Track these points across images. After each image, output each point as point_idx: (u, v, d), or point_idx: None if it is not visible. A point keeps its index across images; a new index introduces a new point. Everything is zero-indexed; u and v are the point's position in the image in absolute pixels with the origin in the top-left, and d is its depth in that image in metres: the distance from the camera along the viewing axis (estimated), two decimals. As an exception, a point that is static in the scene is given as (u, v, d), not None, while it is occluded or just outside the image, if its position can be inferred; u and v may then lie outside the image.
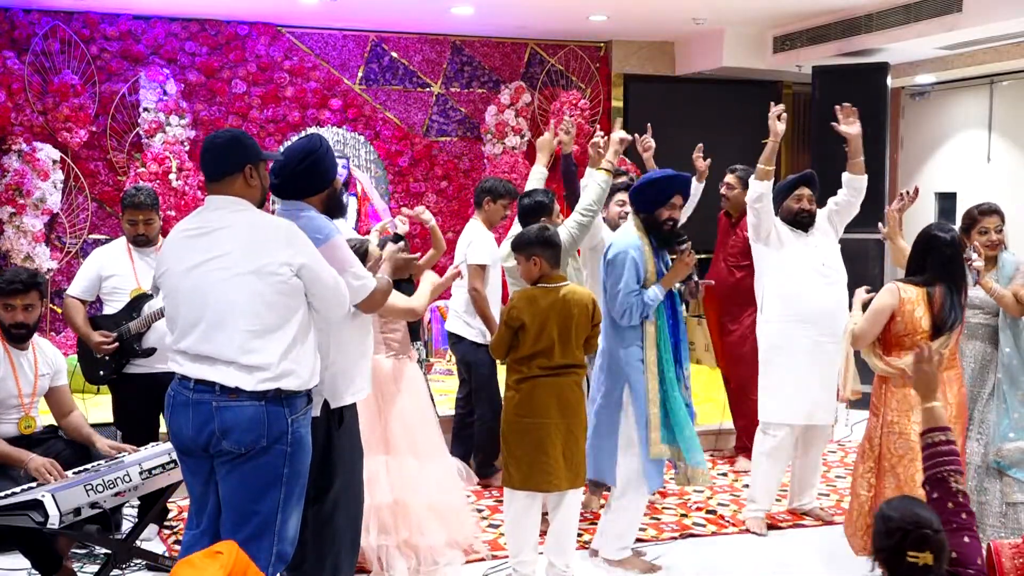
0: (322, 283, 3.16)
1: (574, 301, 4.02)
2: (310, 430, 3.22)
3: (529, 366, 4.01)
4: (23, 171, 7.54)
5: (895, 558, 2.54)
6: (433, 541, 4.32)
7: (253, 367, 3.02)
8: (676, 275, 4.37)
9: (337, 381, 3.45)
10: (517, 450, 4.03)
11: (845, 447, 6.73)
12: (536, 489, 4.05)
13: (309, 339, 3.18)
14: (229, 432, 3.03)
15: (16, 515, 3.47)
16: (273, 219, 3.22)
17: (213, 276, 3.07)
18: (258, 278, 3.04)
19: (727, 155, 6.47)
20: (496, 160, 8.98)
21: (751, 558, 4.72)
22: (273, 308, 3.06)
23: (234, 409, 3.02)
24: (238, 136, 3.25)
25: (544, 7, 7.97)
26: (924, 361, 3.07)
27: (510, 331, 4.01)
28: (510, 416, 4.06)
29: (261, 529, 3.09)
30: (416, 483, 4.33)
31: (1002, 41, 7.44)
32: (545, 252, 4.03)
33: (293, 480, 3.13)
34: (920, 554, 2.51)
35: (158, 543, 4.68)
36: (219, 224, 3.12)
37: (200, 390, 3.05)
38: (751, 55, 8.78)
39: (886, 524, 2.58)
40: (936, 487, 2.86)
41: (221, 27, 8.41)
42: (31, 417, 4.21)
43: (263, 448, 3.05)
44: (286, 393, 3.08)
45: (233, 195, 3.16)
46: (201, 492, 3.20)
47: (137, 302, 4.63)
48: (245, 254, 3.06)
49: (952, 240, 4.16)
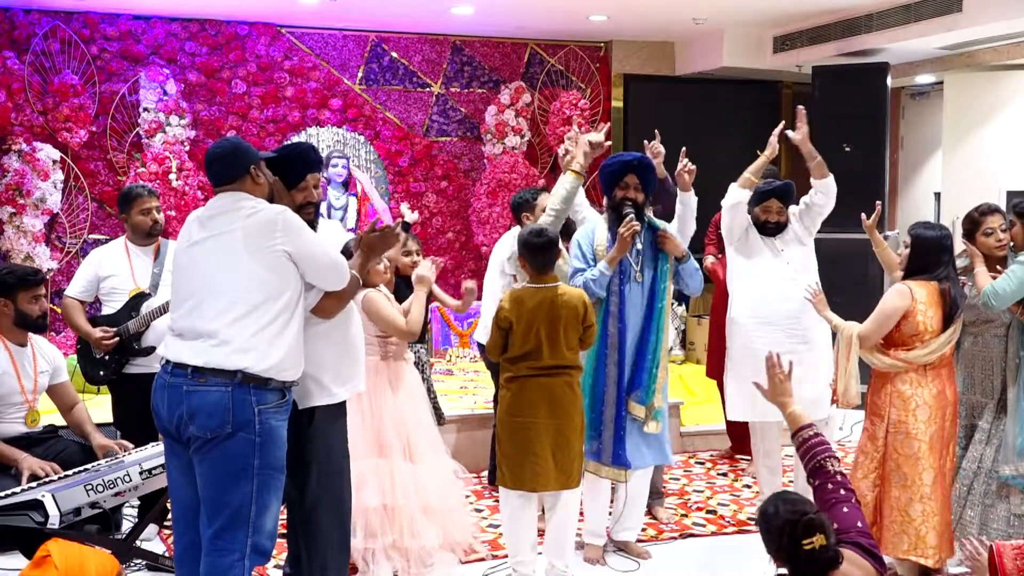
0: (316, 261, 3.27)
1: (562, 302, 4.01)
2: (284, 426, 3.27)
3: (518, 366, 4.01)
4: (23, 171, 7.54)
5: (792, 552, 2.74)
6: (425, 543, 4.32)
7: (225, 341, 3.13)
8: (618, 249, 4.38)
9: (306, 382, 3.46)
10: (508, 449, 4.04)
11: (845, 447, 6.73)
12: (525, 488, 4.05)
13: (290, 328, 3.23)
14: (195, 416, 3.13)
15: (16, 515, 3.47)
16: (272, 206, 3.31)
17: (208, 253, 3.23)
18: (250, 255, 3.17)
19: (727, 155, 6.47)
20: (496, 160, 8.98)
21: (751, 558, 4.72)
22: (260, 286, 3.17)
23: (201, 393, 3.12)
24: (237, 142, 3.40)
25: (544, 7, 7.98)
26: (774, 368, 3.36)
27: (500, 332, 4.02)
28: (502, 415, 4.08)
29: (234, 521, 3.15)
30: (408, 486, 4.32)
31: (1002, 41, 7.44)
32: (528, 254, 4.04)
33: (266, 472, 3.18)
34: (812, 539, 2.72)
35: (158, 543, 4.69)
36: (225, 208, 3.27)
37: (176, 373, 3.18)
38: (751, 55, 8.79)
39: (771, 524, 2.80)
40: (817, 475, 3.11)
41: (221, 27, 8.41)
42: (36, 411, 4.25)
43: (228, 434, 3.12)
44: (255, 380, 3.14)
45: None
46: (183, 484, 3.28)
47: (136, 302, 4.64)
48: (243, 235, 3.19)
49: (944, 234, 4.26)
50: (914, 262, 4.26)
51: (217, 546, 3.13)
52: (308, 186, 3.55)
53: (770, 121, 10.20)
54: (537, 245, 4.02)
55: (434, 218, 9.15)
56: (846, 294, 5.10)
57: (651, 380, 4.44)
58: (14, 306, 4.14)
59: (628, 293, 4.46)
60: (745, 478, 5.92)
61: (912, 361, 4.18)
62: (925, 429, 4.14)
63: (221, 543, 3.14)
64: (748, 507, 5.37)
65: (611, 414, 4.44)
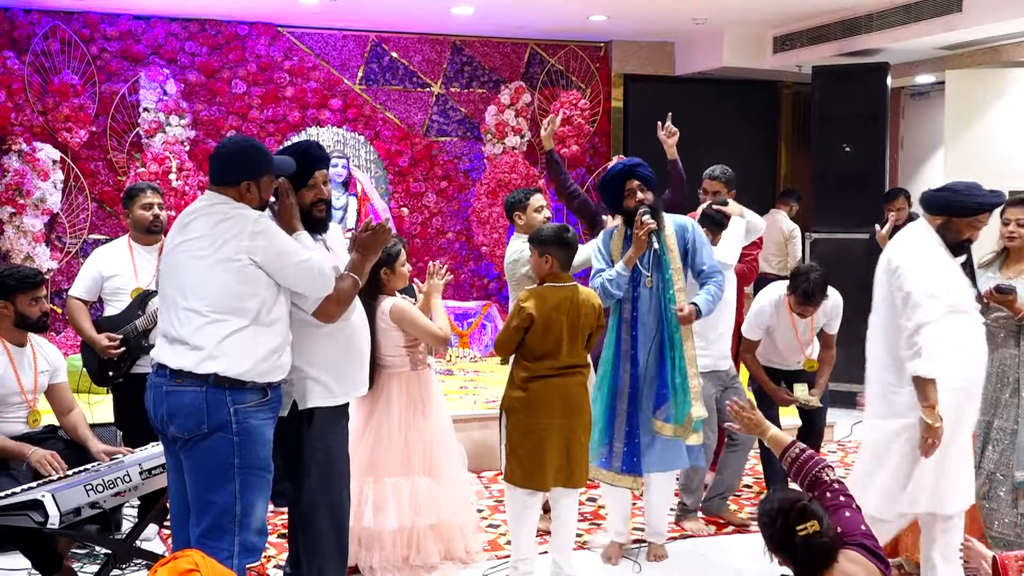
0: (289, 269, 3.24)
1: (582, 300, 4.03)
2: (268, 424, 3.28)
3: (538, 365, 4.00)
4: (23, 171, 7.54)
5: (787, 540, 2.78)
6: (429, 559, 4.33)
7: (197, 347, 3.16)
8: (635, 249, 4.33)
9: (306, 383, 3.47)
10: (519, 448, 4.03)
11: (845, 447, 6.73)
12: (537, 488, 4.05)
13: (267, 336, 3.22)
14: (174, 416, 3.20)
15: (16, 515, 3.46)
16: (245, 211, 3.27)
17: (183, 257, 3.25)
18: (218, 263, 3.19)
19: (727, 155, 6.46)
20: (496, 160, 8.98)
21: (751, 558, 4.72)
22: (225, 294, 3.18)
23: (178, 394, 3.18)
24: (245, 151, 3.34)
25: (544, 7, 7.98)
26: (744, 412, 3.46)
27: (519, 330, 3.99)
28: (516, 414, 4.05)
29: (220, 520, 3.18)
30: (424, 503, 4.31)
31: (1002, 41, 7.44)
32: (559, 252, 4.04)
33: (248, 471, 3.21)
34: (806, 524, 2.75)
35: (158, 543, 4.68)
36: (201, 212, 3.28)
37: (159, 374, 3.25)
38: (751, 55, 8.79)
39: (767, 516, 2.84)
40: (814, 488, 3.11)
41: (221, 27, 8.41)
42: (37, 412, 4.24)
43: (205, 434, 3.17)
44: (229, 381, 3.16)
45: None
46: (176, 481, 3.33)
47: (142, 299, 4.62)
48: (212, 240, 3.20)
49: None
50: None
51: (205, 545, 3.14)
52: (317, 183, 3.53)
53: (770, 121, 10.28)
54: (570, 241, 4.06)
55: (434, 218, 9.15)
56: (846, 294, 5.07)
57: (680, 394, 4.30)
58: (14, 308, 4.14)
59: (640, 299, 4.37)
60: (746, 478, 5.91)
61: None
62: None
63: (209, 542, 3.16)
64: (748, 507, 5.36)
65: (621, 424, 4.37)
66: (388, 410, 4.33)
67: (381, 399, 4.33)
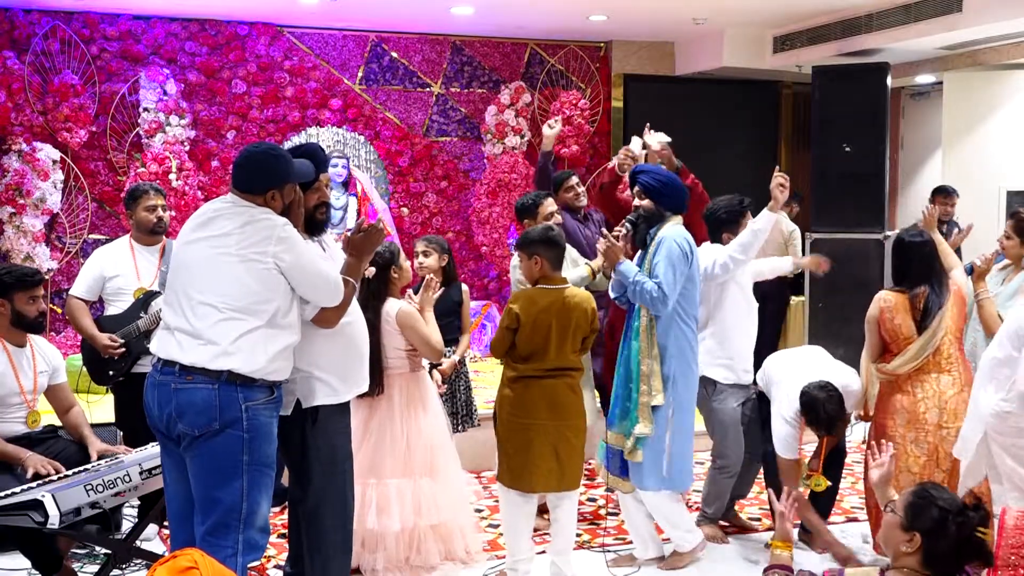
0: (309, 278, 3.27)
1: (574, 304, 4.02)
2: (274, 421, 3.29)
3: (524, 366, 4.01)
4: (23, 171, 7.54)
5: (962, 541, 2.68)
6: (429, 560, 4.34)
7: (212, 342, 3.15)
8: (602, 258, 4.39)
9: (311, 381, 3.48)
10: (509, 448, 4.05)
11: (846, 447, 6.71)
12: (524, 489, 4.05)
13: (279, 339, 3.24)
14: (184, 413, 3.16)
15: (16, 515, 3.46)
16: (272, 217, 3.30)
17: (202, 253, 3.24)
18: (241, 262, 3.18)
19: (727, 155, 6.47)
20: (496, 160, 8.98)
21: (751, 558, 4.72)
22: (245, 293, 3.18)
23: (189, 391, 3.15)
24: (272, 162, 3.34)
25: (544, 7, 7.98)
26: (782, 516, 3.40)
27: (509, 332, 4.01)
28: (504, 415, 4.07)
29: (226, 517, 3.18)
30: (426, 504, 4.32)
31: (1002, 41, 7.44)
32: (547, 252, 4.04)
33: (256, 468, 3.21)
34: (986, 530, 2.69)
35: (158, 543, 4.68)
36: (225, 211, 3.29)
37: (165, 372, 3.21)
38: (751, 55, 8.79)
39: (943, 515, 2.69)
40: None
41: (221, 27, 8.41)
42: (37, 412, 4.24)
43: (216, 431, 3.15)
44: (241, 378, 3.16)
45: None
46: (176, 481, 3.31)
47: (146, 300, 4.62)
48: (239, 239, 3.20)
49: (927, 240, 4.27)
50: (896, 270, 4.31)
51: (210, 543, 3.14)
52: (321, 186, 3.55)
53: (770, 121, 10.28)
54: (556, 239, 4.07)
55: (434, 218, 9.15)
56: (846, 294, 5.07)
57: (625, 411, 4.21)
58: (11, 306, 4.13)
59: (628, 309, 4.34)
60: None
61: (893, 372, 4.18)
62: (904, 434, 4.16)
63: (214, 540, 3.16)
64: (748, 507, 5.36)
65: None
66: (389, 411, 4.34)
67: (382, 400, 4.34)
